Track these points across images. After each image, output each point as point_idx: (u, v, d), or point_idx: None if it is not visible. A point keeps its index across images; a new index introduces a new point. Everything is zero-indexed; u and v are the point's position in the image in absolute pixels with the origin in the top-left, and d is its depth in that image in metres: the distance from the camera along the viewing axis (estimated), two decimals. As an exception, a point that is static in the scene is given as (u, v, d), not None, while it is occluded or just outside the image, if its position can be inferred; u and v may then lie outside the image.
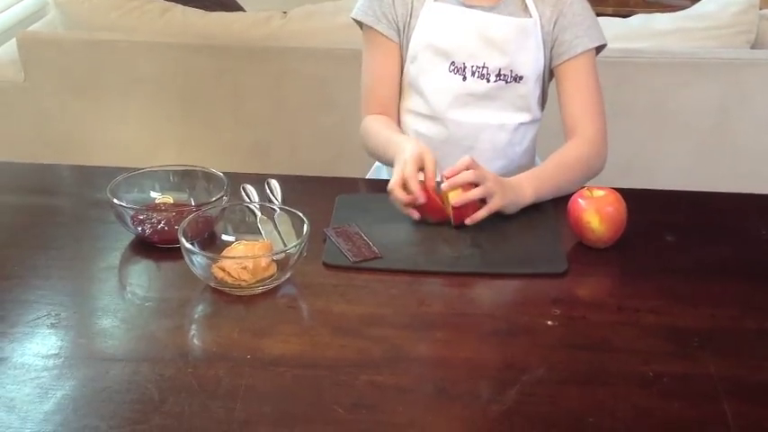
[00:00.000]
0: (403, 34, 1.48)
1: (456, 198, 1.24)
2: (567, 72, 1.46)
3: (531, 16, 1.45)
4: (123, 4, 2.23)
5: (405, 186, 1.26)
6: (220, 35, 2.18)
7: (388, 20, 1.47)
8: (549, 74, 1.50)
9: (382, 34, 1.48)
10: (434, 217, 1.28)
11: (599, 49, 1.47)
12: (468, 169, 1.25)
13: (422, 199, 1.25)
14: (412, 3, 1.46)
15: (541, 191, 1.33)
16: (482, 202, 1.26)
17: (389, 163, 1.39)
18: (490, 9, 1.45)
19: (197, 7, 2.25)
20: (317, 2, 2.27)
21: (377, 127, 1.47)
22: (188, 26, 2.20)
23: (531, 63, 1.45)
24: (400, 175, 1.26)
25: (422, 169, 1.27)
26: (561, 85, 1.47)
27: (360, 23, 1.50)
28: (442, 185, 1.27)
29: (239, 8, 2.53)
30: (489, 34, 1.44)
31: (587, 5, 1.48)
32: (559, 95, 1.47)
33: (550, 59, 1.47)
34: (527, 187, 1.32)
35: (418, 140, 1.35)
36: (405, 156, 1.28)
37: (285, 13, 2.24)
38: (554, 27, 1.45)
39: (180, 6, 2.24)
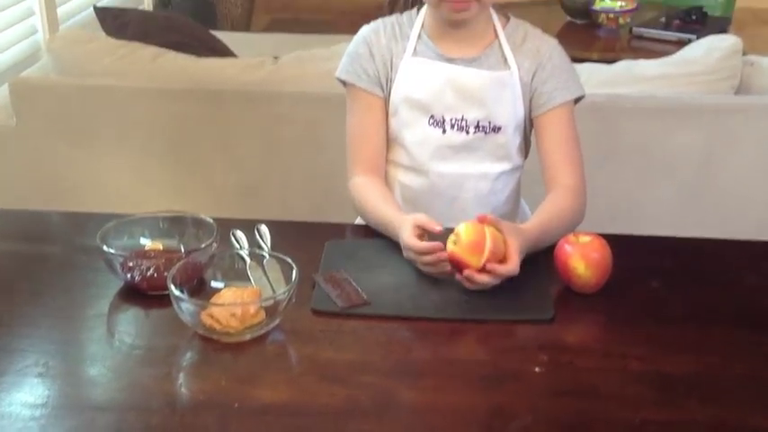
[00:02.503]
0: (385, 89, 1.50)
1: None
2: (547, 123, 1.48)
3: (509, 68, 1.47)
4: (115, 50, 2.26)
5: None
6: (212, 80, 2.20)
7: (369, 75, 1.49)
8: (530, 123, 1.52)
9: (364, 90, 1.50)
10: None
11: (578, 99, 1.50)
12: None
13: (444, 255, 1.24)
14: (391, 60, 1.49)
15: (539, 244, 1.33)
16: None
17: (391, 237, 1.38)
18: (470, 62, 1.47)
19: (188, 53, 2.28)
20: (308, 48, 2.30)
21: (372, 201, 1.45)
22: (179, 71, 2.22)
23: (508, 114, 1.48)
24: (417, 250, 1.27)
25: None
26: (541, 135, 1.49)
27: (343, 82, 1.53)
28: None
29: (231, 54, 2.56)
30: (465, 87, 1.46)
31: (566, 57, 1.51)
32: (539, 145, 1.49)
33: (530, 110, 1.49)
34: (532, 240, 1.30)
35: (410, 221, 1.32)
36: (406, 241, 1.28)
37: (276, 58, 2.27)
38: (533, 79, 1.47)
39: (171, 52, 2.26)
